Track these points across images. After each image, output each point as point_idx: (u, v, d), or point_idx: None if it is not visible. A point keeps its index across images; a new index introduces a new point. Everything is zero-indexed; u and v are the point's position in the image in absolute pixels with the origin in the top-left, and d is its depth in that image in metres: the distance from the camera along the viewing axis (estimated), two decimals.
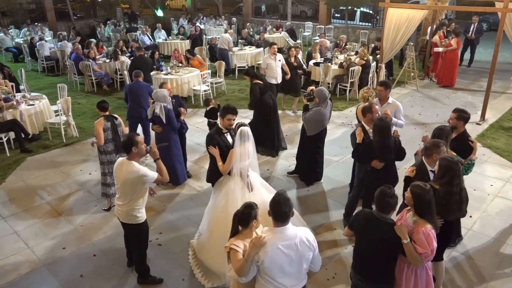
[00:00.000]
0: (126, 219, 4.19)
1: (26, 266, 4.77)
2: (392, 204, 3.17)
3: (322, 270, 4.59)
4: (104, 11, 23.43)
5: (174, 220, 5.61)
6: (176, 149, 6.22)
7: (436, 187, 3.54)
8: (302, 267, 2.98)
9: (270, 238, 2.89)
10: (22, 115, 7.97)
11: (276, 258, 2.86)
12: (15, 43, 16.45)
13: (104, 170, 5.74)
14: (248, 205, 3.09)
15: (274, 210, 2.90)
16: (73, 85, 12.03)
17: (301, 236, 2.92)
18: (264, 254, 2.85)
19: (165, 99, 5.99)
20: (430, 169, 3.95)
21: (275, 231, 2.91)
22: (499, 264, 4.67)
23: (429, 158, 3.91)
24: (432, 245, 3.10)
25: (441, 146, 3.88)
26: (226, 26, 18.71)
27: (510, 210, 5.70)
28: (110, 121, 5.59)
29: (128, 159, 4.07)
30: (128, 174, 3.97)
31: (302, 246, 2.90)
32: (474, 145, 4.55)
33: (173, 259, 4.82)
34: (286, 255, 2.87)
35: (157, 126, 6.12)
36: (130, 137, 4.05)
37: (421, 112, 9.50)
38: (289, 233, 2.90)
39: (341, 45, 12.65)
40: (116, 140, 5.59)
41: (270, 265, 2.87)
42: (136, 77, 7.33)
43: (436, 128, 4.40)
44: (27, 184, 6.61)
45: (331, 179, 6.62)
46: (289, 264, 2.90)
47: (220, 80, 11.19)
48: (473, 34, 12.88)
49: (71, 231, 5.41)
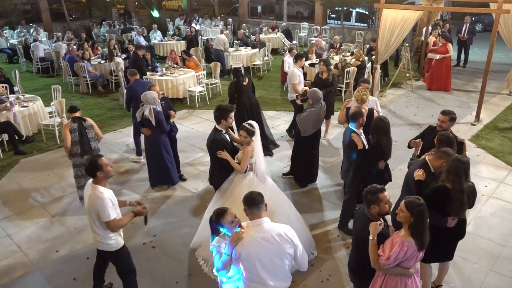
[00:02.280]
0: (99, 246, 3.84)
1: (18, 269, 4.73)
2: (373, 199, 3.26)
3: (316, 272, 4.59)
4: (99, 11, 23.34)
5: (168, 222, 5.58)
6: (166, 152, 6.15)
7: (449, 186, 3.63)
8: (284, 263, 3.00)
9: (246, 231, 2.99)
10: (16, 117, 7.92)
11: (253, 249, 2.92)
12: (9, 44, 16.36)
13: (77, 172, 5.78)
14: (218, 212, 3.12)
15: (247, 200, 3.01)
16: (68, 87, 11.97)
17: (278, 230, 2.98)
18: (241, 246, 2.92)
19: (154, 101, 5.90)
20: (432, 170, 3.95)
21: (252, 224, 3.02)
22: (493, 265, 4.68)
23: (437, 161, 3.89)
24: (392, 253, 3.08)
25: (451, 155, 3.83)
26: (222, 27, 18.68)
27: (504, 211, 5.71)
28: (77, 122, 5.60)
29: (94, 182, 3.68)
30: (89, 199, 3.64)
31: (280, 239, 2.94)
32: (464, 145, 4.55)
33: (167, 261, 4.80)
34: (263, 246, 2.92)
35: (146, 129, 5.99)
36: (94, 161, 3.64)
37: (416, 113, 9.52)
38: (265, 226, 2.99)
39: (336, 46, 12.64)
40: (83, 142, 5.61)
41: (248, 257, 2.92)
42: (133, 75, 7.32)
43: (443, 135, 4.28)
44: (20, 187, 6.57)
45: (326, 180, 6.61)
46: (268, 257, 2.94)
47: (215, 81, 11.17)
48: (465, 34, 12.93)
49: (64, 233, 5.38)
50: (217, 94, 11.23)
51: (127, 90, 7.48)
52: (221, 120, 4.75)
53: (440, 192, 3.66)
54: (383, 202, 3.23)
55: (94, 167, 3.63)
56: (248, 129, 4.49)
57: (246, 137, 4.49)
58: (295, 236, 3.02)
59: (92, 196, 3.61)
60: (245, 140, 4.52)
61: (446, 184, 3.65)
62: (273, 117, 9.39)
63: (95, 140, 5.79)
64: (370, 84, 6.01)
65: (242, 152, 4.58)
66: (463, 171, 3.61)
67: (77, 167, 5.75)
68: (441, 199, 3.65)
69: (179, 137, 8.20)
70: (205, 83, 10.64)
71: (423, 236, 3.09)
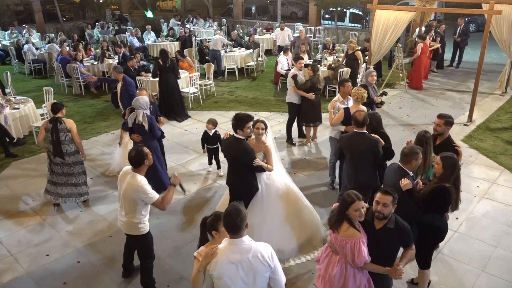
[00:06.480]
0: (128, 230, 4.11)
1: (8, 274, 4.68)
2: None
3: (308, 274, 4.58)
4: (93, 12, 23.22)
5: (160, 225, 5.55)
6: (157, 157, 6.00)
7: (448, 185, 3.70)
8: (256, 286, 2.82)
9: (222, 249, 2.82)
10: (7, 119, 7.85)
11: (225, 270, 2.76)
12: (1, 46, 16.23)
13: (51, 166, 5.81)
14: (217, 215, 3.04)
15: (225, 221, 2.80)
16: (61, 88, 11.89)
17: (256, 251, 2.79)
18: (214, 264, 2.78)
19: (147, 106, 5.80)
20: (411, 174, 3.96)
21: (229, 242, 2.82)
22: (485, 266, 4.68)
23: (408, 164, 3.90)
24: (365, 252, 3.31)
25: (418, 152, 3.91)
26: (216, 28, 18.65)
27: (496, 211, 5.73)
28: (53, 123, 5.59)
29: (135, 171, 3.94)
30: (129, 186, 3.88)
31: (256, 262, 2.77)
32: (460, 149, 4.57)
33: (158, 264, 4.76)
34: (236, 268, 2.76)
35: (136, 135, 5.81)
36: (141, 151, 3.92)
37: (410, 114, 9.54)
38: (243, 246, 2.80)
39: (329, 47, 12.63)
40: (54, 144, 5.59)
41: (220, 276, 2.77)
42: (121, 73, 7.40)
43: (421, 135, 4.46)
44: (11, 190, 6.50)
45: (322, 180, 6.61)
46: (240, 279, 2.78)
47: (209, 82, 11.13)
48: (459, 36, 13.06)
49: (55, 237, 5.33)
50: (211, 95, 11.19)
51: (129, 85, 7.53)
52: (237, 130, 4.51)
53: (443, 193, 3.71)
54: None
55: (142, 157, 3.91)
56: (264, 121, 4.65)
57: (263, 129, 4.59)
58: (272, 258, 2.84)
59: (133, 184, 3.85)
60: (261, 132, 4.59)
61: (445, 184, 3.71)
62: (266, 118, 9.26)
63: (70, 144, 5.66)
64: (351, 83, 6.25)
65: (261, 152, 4.60)
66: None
67: (51, 162, 5.80)
68: (444, 200, 3.74)
69: (171, 138, 8.20)
70: (199, 84, 10.61)
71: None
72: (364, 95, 5.82)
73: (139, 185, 3.84)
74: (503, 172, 6.78)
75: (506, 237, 5.17)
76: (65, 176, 5.77)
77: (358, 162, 4.81)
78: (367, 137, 4.77)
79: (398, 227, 3.34)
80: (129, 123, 5.79)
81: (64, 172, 5.76)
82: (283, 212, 4.82)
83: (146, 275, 4.33)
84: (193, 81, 10.36)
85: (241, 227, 2.78)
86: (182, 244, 5.15)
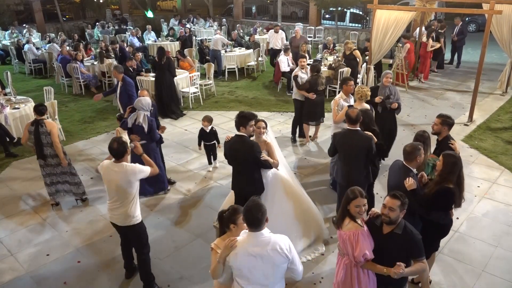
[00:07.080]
0: (123, 222, 4.11)
1: (8, 273, 4.68)
2: None
3: (309, 274, 4.57)
4: (93, 12, 23.22)
5: (160, 225, 5.54)
6: (155, 159, 6.02)
7: (451, 186, 3.70)
8: (276, 276, 2.93)
9: (241, 241, 2.89)
10: (7, 119, 7.85)
11: (244, 261, 2.85)
12: (2, 45, 16.23)
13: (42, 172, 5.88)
14: (234, 209, 3.09)
15: (246, 216, 2.89)
16: (61, 88, 11.89)
17: (275, 244, 2.87)
18: (234, 257, 2.87)
19: (149, 107, 5.78)
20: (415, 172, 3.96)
21: (249, 235, 2.92)
22: (485, 266, 4.68)
23: (412, 162, 3.90)
24: (365, 246, 3.27)
25: (420, 148, 3.92)
26: (216, 28, 18.64)
27: (497, 211, 5.73)
28: (34, 125, 5.60)
29: (117, 161, 3.99)
30: (124, 174, 3.93)
31: (274, 254, 2.86)
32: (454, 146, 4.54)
33: (159, 264, 4.76)
34: (256, 260, 2.85)
35: (135, 136, 5.71)
36: (122, 144, 3.97)
37: (410, 113, 9.53)
38: (262, 239, 2.88)
39: (330, 47, 12.62)
40: (37, 145, 5.61)
41: (240, 268, 2.87)
42: (121, 73, 7.41)
43: (419, 134, 4.50)
44: (11, 189, 6.50)
45: (322, 180, 6.60)
46: (260, 271, 2.87)
47: (209, 82, 11.13)
48: (456, 36, 13.13)
49: (55, 237, 5.33)
50: (211, 94, 11.19)
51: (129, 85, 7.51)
52: (240, 128, 4.49)
53: (446, 194, 3.71)
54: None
55: (124, 147, 3.98)
56: (264, 120, 4.71)
57: (264, 128, 4.67)
58: (290, 249, 2.92)
59: (123, 171, 3.94)
60: (262, 131, 4.66)
61: (447, 184, 3.70)
62: (267, 118, 9.32)
63: (52, 146, 5.65)
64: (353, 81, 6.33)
65: (264, 150, 4.62)
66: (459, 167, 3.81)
67: (41, 167, 5.83)
68: (448, 201, 3.76)
69: (172, 138, 8.21)
70: (199, 84, 10.60)
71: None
72: (367, 93, 5.84)
73: (130, 168, 3.95)
74: (503, 172, 6.78)
75: (507, 237, 5.16)
76: (49, 176, 5.85)
77: (352, 159, 4.84)
78: (360, 134, 4.80)
79: (405, 233, 3.22)
80: (129, 123, 5.76)
81: (47, 173, 5.84)
82: (288, 212, 4.83)
83: (144, 269, 4.34)
84: (193, 81, 10.36)
85: (262, 222, 2.87)
86: (182, 244, 5.14)
